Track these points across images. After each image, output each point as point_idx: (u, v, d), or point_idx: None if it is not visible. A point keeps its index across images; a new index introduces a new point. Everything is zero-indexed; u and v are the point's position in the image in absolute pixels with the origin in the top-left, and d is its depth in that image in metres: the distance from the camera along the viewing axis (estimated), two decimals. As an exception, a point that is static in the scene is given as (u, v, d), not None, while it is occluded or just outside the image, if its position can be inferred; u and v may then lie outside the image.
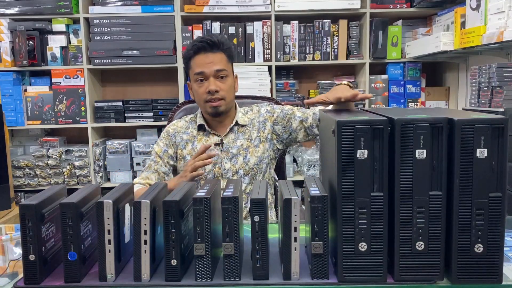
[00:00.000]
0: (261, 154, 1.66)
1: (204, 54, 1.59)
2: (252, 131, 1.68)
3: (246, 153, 1.65)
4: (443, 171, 0.90)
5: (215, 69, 1.58)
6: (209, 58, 1.58)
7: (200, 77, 1.59)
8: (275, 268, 1.00)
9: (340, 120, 0.90)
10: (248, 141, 1.67)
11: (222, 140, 1.65)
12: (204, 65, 1.58)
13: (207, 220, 0.93)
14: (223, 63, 1.60)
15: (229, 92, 1.62)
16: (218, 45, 1.59)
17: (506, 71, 2.05)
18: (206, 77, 1.59)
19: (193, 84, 1.63)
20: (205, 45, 1.58)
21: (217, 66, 1.59)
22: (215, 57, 1.59)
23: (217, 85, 1.59)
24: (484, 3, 2.16)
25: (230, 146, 1.65)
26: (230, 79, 1.63)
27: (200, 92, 1.60)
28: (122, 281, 0.96)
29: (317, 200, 0.91)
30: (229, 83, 1.62)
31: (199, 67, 1.59)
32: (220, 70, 1.59)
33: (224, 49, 1.61)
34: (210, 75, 1.58)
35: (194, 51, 1.60)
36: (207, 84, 1.59)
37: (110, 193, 1.00)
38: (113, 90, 3.40)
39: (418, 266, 0.92)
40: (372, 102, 3.13)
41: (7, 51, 3.01)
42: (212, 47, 1.59)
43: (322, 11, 3.02)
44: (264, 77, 3.06)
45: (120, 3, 3.05)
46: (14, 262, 1.12)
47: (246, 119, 1.70)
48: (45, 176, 3.13)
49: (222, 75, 1.60)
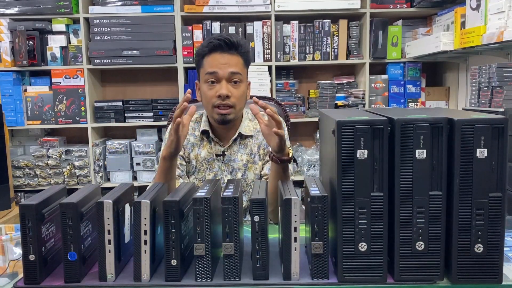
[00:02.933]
0: (259, 172, 1.58)
1: (220, 54, 1.45)
2: (254, 145, 1.58)
3: (245, 169, 1.57)
4: (443, 171, 0.90)
5: (229, 71, 1.44)
6: (225, 58, 1.45)
7: (211, 77, 1.45)
8: (275, 268, 1.00)
9: (340, 120, 0.90)
10: (248, 155, 1.57)
11: (224, 152, 1.56)
12: (218, 65, 1.44)
13: (207, 220, 0.93)
14: (239, 66, 1.47)
15: (241, 100, 1.49)
16: (236, 46, 1.46)
17: (506, 71, 2.05)
18: (218, 79, 1.45)
19: (203, 85, 1.48)
20: (223, 44, 1.44)
21: (232, 68, 1.45)
22: (232, 59, 1.45)
23: (229, 90, 1.44)
24: (484, 3, 2.16)
25: (231, 159, 1.56)
26: (244, 85, 1.49)
27: (209, 95, 1.46)
28: (122, 281, 0.96)
29: (317, 200, 0.91)
30: (242, 90, 1.48)
31: (212, 66, 1.45)
32: (235, 73, 1.45)
33: (242, 52, 1.48)
34: (223, 78, 1.44)
35: (209, 48, 1.45)
36: (218, 87, 1.44)
37: (110, 193, 1.00)
38: (113, 90, 3.40)
39: (418, 266, 0.92)
40: (372, 102, 3.13)
41: (7, 51, 3.01)
42: (230, 47, 1.45)
43: (322, 11, 3.02)
44: (264, 77, 3.06)
45: (120, 3, 3.05)
46: (14, 262, 1.12)
47: (252, 128, 1.58)
48: (45, 176, 3.13)
49: (236, 79, 1.46)
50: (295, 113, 3.13)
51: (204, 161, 1.57)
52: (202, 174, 1.58)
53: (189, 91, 1.29)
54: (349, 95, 3.15)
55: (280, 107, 1.86)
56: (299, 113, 3.16)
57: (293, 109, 3.15)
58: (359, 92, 3.11)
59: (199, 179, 1.58)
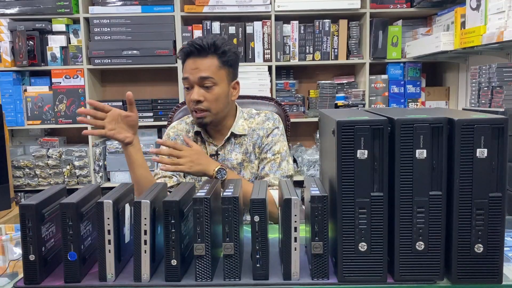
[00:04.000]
0: (255, 171, 1.58)
1: (192, 59, 1.47)
2: (249, 144, 1.57)
3: (240, 168, 1.57)
4: (443, 171, 0.90)
5: (199, 76, 1.45)
6: (196, 63, 1.46)
7: (185, 83, 1.49)
8: (275, 268, 1.00)
9: (340, 120, 0.90)
10: (243, 154, 1.57)
11: (218, 152, 1.57)
12: (189, 71, 1.47)
13: (207, 220, 0.93)
14: (211, 69, 1.45)
15: (216, 103, 1.48)
16: (207, 49, 1.45)
17: (506, 71, 2.05)
18: (191, 85, 1.47)
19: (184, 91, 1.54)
20: (193, 49, 1.46)
21: (202, 73, 1.45)
22: (202, 63, 1.45)
23: (201, 94, 1.45)
24: (484, 3, 2.16)
25: (225, 159, 1.57)
26: (219, 87, 1.47)
27: (187, 100, 1.51)
28: (122, 281, 0.96)
29: (317, 200, 0.91)
30: (216, 93, 1.47)
31: (185, 72, 1.48)
32: (205, 78, 1.45)
33: (218, 53, 1.46)
34: (194, 83, 1.46)
35: (182, 55, 1.50)
36: (191, 92, 1.47)
37: (110, 193, 1.00)
38: (113, 90, 3.40)
39: (418, 266, 0.92)
40: (372, 102, 3.13)
41: (7, 51, 3.01)
42: (200, 51, 1.45)
43: (322, 11, 3.02)
44: (264, 77, 3.06)
45: (120, 3, 3.05)
46: (14, 262, 1.12)
47: (246, 127, 1.58)
48: (45, 176, 3.13)
49: (208, 83, 1.45)
50: (295, 113, 3.13)
51: None
52: None
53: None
54: (349, 95, 3.15)
55: (280, 107, 1.86)
56: (299, 113, 3.16)
57: (293, 109, 3.15)
58: (359, 92, 3.11)
59: (195, 178, 1.59)
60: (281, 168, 1.55)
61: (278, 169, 1.54)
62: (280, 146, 1.57)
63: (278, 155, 1.56)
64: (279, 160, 1.55)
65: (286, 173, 1.55)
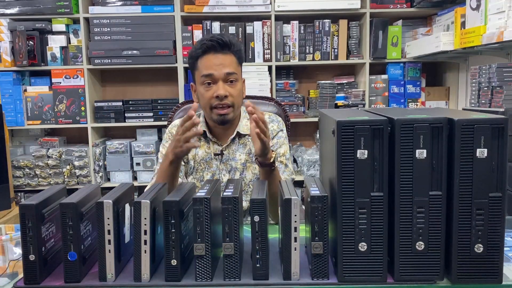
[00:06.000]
0: (257, 171, 1.56)
1: (214, 55, 1.45)
2: (252, 144, 1.55)
3: (243, 168, 1.57)
4: (443, 171, 0.90)
5: (225, 71, 1.45)
6: (219, 59, 1.45)
7: (208, 79, 1.45)
8: (275, 268, 1.00)
9: (340, 120, 0.90)
10: (247, 155, 1.57)
11: (222, 151, 1.57)
12: (213, 67, 1.45)
13: (207, 220, 0.93)
14: (234, 65, 1.47)
15: (238, 98, 1.50)
16: (229, 45, 1.47)
17: (506, 71, 2.05)
18: (215, 81, 1.45)
19: (199, 87, 1.49)
20: (216, 44, 1.45)
21: (228, 68, 1.45)
22: (225, 59, 1.46)
23: (227, 89, 1.45)
24: (484, 3, 2.16)
25: (229, 158, 1.57)
26: (240, 83, 1.50)
27: (207, 96, 1.46)
28: (122, 281, 0.96)
29: (317, 200, 0.91)
30: (238, 88, 1.49)
31: (208, 68, 1.45)
32: (231, 74, 1.46)
33: (235, 50, 1.49)
34: (219, 79, 1.45)
35: (203, 50, 1.46)
36: (215, 88, 1.45)
37: (110, 193, 1.00)
38: (113, 90, 3.40)
39: (418, 266, 0.92)
40: (372, 102, 3.13)
41: (7, 51, 3.01)
42: (223, 47, 1.46)
43: (322, 11, 3.02)
44: (264, 77, 3.06)
45: (120, 3, 3.05)
46: (14, 262, 1.12)
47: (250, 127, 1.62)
48: (45, 176, 3.13)
49: (232, 79, 1.46)
50: (295, 113, 3.13)
51: (202, 161, 1.58)
52: (200, 174, 1.58)
53: (195, 105, 1.29)
54: (349, 95, 3.15)
55: (280, 107, 1.86)
56: (299, 113, 3.16)
57: (293, 109, 3.15)
58: (359, 92, 3.11)
59: (197, 179, 1.58)
60: (288, 169, 1.58)
61: (286, 169, 1.58)
62: (285, 149, 1.60)
63: (283, 157, 1.58)
64: (285, 162, 1.58)
65: (291, 175, 1.59)
